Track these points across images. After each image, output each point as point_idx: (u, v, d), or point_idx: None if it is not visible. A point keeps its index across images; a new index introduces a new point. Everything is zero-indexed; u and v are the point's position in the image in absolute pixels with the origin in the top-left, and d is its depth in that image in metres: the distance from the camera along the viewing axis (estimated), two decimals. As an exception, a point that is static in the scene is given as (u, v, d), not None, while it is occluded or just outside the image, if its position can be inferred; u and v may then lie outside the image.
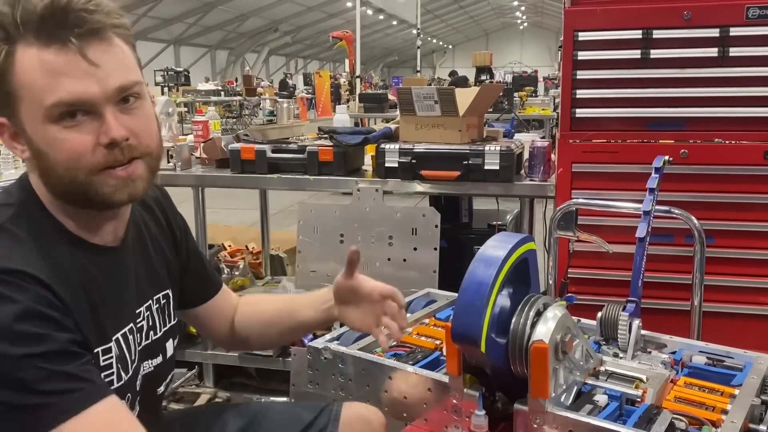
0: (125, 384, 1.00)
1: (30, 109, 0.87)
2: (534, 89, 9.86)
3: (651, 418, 1.09)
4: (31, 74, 0.85)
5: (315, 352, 1.40)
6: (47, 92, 0.85)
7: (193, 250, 1.24)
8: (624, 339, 1.39)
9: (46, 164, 0.90)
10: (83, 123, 0.88)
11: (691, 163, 2.03)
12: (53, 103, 0.86)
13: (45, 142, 0.88)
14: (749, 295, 2.06)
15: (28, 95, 0.87)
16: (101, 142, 0.88)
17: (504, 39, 39.78)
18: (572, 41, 2.10)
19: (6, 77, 0.86)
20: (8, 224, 0.90)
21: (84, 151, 0.88)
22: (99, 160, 0.89)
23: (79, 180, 0.89)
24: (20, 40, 0.85)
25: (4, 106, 0.89)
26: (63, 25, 0.84)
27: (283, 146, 2.61)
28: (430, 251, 2.39)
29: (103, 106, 0.88)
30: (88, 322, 0.92)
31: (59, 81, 0.85)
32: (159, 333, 1.11)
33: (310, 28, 28.44)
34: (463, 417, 1.18)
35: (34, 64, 0.85)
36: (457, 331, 1.10)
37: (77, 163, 0.88)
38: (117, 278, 1.01)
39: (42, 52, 0.85)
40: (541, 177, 2.34)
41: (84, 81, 0.86)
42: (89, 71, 0.86)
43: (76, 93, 0.86)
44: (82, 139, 0.88)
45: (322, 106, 6.84)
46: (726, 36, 1.98)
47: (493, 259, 1.10)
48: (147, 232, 1.11)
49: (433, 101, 2.38)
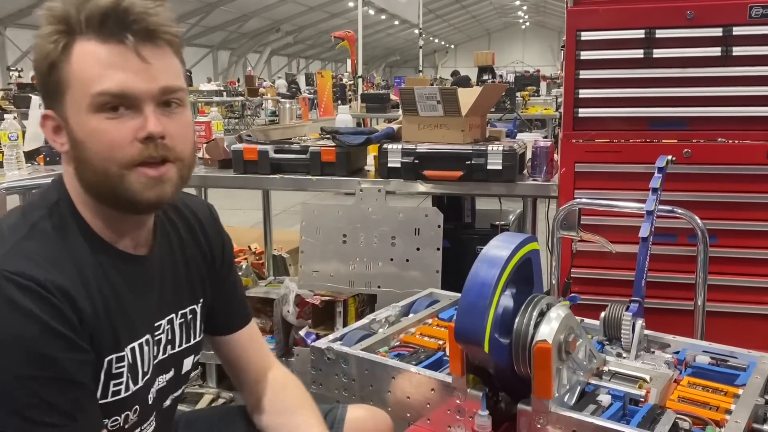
0: (133, 394, 1.00)
1: (76, 98, 0.90)
2: (536, 89, 9.84)
3: (654, 418, 1.09)
4: (84, 64, 0.89)
5: (318, 352, 1.41)
6: (96, 81, 0.89)
7: (227, 274, 1.22)
8: (627, 339, 1.39)
9: (83, 155, 0.92)
10: (124, 116, 0.90)
11: (694, 162, 2.03)
12: (99, 91, 0.89)
13: (85, 131, 0.91)
14: (753, 294, 2.06)
15: (76, 84, 0.90)
16: (138, 136, 0.91)
17: (506, 38, 39.76)
18: (575, 41, 2.10)
19: (59, 67, 0.90)
20: (40, 223, 0.92)
21: (121, 143, 0.90)
22: (134, 154, 0.91)
23: (111, 172, 0.91)
24: (80, 36, 0.89)
25: (53, 96, 0.92)
26: (122, 24, 0.89)
27: (286, 147, 2.61)
28: (433, 251, 2.39)
29: (145, 103, 0.91)
30: (103, 330, 0.93)
31: (109, 72, 0.89)
32: (177, 348, 1.10)
33: (312, 28, 28.45)
34: (466, 417, 1.18)
35: (89, 55, 0.89)
36: (461, 332, 1.10)
37: (113, 154, 0.90)
38: (139, 288, 1.01)
39: (98, 46, 0.89)
40: (544, 177, 2.34)
41: (132, 76, 0.90)
42: (139, 68, 0.90)
43: (123, 85, 0.89)
44: (120, 131, 0.90)
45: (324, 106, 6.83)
46: (729, 35, 1.98)
47: (496, 260, 1.11)
48: (180, 248, 1.11)
49: (436, 101, 2.38)
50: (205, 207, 1.21)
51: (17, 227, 0.92)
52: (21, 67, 14.87)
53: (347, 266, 2.45)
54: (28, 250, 0.88)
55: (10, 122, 2.79)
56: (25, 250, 0.88)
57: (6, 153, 2.75)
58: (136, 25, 0.89)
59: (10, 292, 0.83)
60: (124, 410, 0.99)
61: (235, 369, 1.25)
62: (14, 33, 17.74)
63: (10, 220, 0.94)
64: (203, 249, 1.16)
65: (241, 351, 1.24)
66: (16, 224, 0.92)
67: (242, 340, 1.24)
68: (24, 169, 2.79)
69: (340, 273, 2.47)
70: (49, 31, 0.90)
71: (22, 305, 0.83)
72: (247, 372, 1.24)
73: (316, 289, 2.67)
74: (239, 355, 1.24)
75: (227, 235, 1.23)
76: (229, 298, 1.23)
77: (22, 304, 0.83)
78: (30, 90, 10.45)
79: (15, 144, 2.76)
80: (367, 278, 2.44)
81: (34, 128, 3.01)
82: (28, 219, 0.93)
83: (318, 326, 2.75)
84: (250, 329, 1.26)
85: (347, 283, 2.48)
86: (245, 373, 1.24)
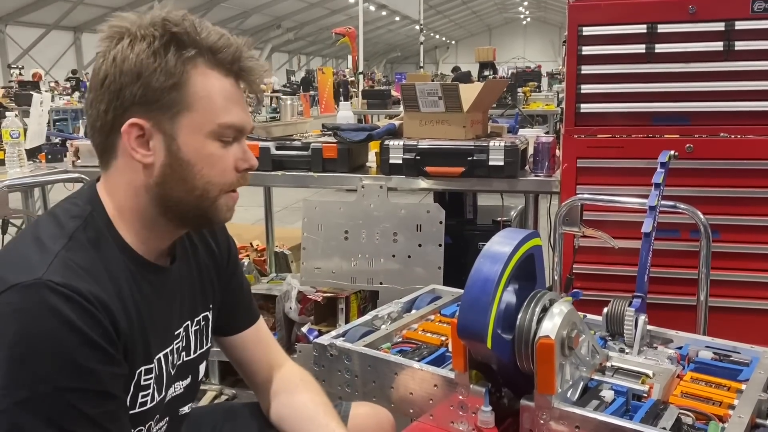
0: (156, 404, 1.01)
1: (197, 122, 0.94)
2: (538, 84, 9.82)
3: (658, 413, 1.09)
4: (212, 93, 0.95)
5: (321, 348, 1.41)
6: (224, 113, 0.96)
7: (233, 276, 1.23)
8: (630, 334, 1.39)
9: (184, 174, 0.95)
10: (231, 147, 0.99)
11: (697, 157, 2.03)
12: (226, 123, 0.96)
13: (198, 154, 0.95)
14: (756, 289, 2.06)
15: (202, 109, 0.94)
16: (240, 167, 1.00)
17: (507, 34, 39.65)
18: (576, 36, 2.09)
19: (182, 86, 0.93)
20: (78, 234, 0.93)
21: (228, 170, 0.99)
22: (233, 182, 1.00)
23: (211, 195, 0.98)
24: (203, 61, 0.95)
25: (165, 110, 0.93)
26: (235, 64, 0.97)
27: (287, 143, 2.61)
28: (435, 247, 2.39)
29: (243, 138, 1.01)
30: (136, 343, 0.94)
31: (232, 107, 0.97)
32: (192, 354, 1.11)
33: (313, 25, 28.39)
34: (469, 413, 1.18)
35: (216, 86, 0.96)
36: (463, 328, 1.10)
37: (221, 179, 0.98)
38: (166, 298, 1.02)
39: (222, 78, 0.97)
40: (546, 173, 2.34)
41: (245, 113, 1.00)
42: (246, 107, 1.01)
43: (242, 121, 0.99)
44: (229, 160, 0.98)
45: (325, 102, 6.83)
46: (731, 30, 1.97)
47: (498, 255, 1.10)
48: (193, 254, 1.13)
49: (437, 97, 2.37)
50: None
51: (57, 237, 0.91)
52: (22, 65, 14.86)
53: (349, 263, 2.45)
54: (70, 262, 0.88)
55: (11, 120, 2.79)
56: (68, 262, 0.88)
57: (8, 151, 2.75)
58: (249, 75, 0.99)
59: (54, 303, 0.83)
60: (147, 421, 1.01)
61: (244, 369, 1.25)
62: (15, 31, 17.71)
63: (48, 229, 0.93)
64: (213, 253, 1.17)
65: (250, 350, 1.24)
66: (55, 234, 0.92)
67: (250, 340, 1.24)
68: (26, 167, 2.79)
69: (342, 269, 2.47)
70: (173, 50, 0.93)
71: (65, 316, 0.83)
72: (258, 371, 1.24)
73: (318, 286, 2.67)
74: (248, 355, 1.24)
75: (232, 239, 1.25)
76: (235, 298, 1.23)
77: (66, 315, 0.84)
78: (31, 88, 10.45)
79: (17, 142, 2.76)
80: (369, 275, 2.45)
81: (35, 126, 3.01)
82: (65, 229, 0.93)
83: (320, 323, 2.76)
84: (257, 328, 1.26)
85: (349, 280, 2.48)
86: (255, 372, 1.25)
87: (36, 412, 0.82)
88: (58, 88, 13.42)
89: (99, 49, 0.95)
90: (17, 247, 0.95)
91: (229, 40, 0.97)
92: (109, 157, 0.97)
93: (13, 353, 0.82)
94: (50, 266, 0.86)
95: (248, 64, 0.98)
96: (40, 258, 0.87)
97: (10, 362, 0.82)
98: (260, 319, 1.28)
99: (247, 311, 1.26)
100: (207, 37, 0.95)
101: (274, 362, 1.26)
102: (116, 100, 0.92)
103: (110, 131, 0.95)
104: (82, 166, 2.62)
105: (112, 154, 0.96)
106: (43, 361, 0.82)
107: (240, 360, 1.25)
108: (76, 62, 19.49)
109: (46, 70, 17.39)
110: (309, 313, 2.78)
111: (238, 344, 1.23)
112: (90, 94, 0.96)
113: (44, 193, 2.98)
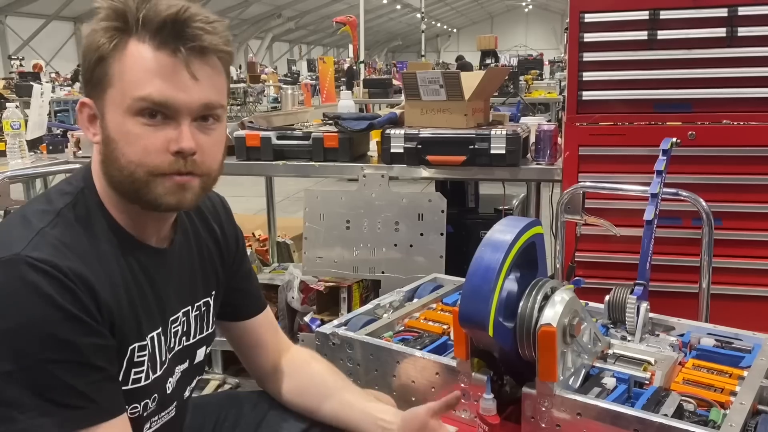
0: (153, 383, 1.01)
1: (116, 96, 0.91)
2: (539, 72, 9.78)
3: (659, 400, 1.09)
4: (132, 66, 0.90)
5: (323, 337, 1.41)
6: (140, 86, 0.90)
7: (241, 264, 1.24)
8: (632, 322, 1.39)
9: (112, 153, 0.93)
10: (159, 125, 0.92)
11: (699, 144, 2.02)
12: (141, 96, 0.90)
13: (119, 131, 0.92)
14: (758, 277, 2.05)
15: (120, 83, 0.91)
16: (170, 148, 0.92)
17: (509, 22, 39.44)
18: (578, 23, 2.08)
19: (108, 62, 0.91)
20: (65, 211, 0.94)
21: (152, 151, 0.92)
22: (163, 165, 0.92)
23: (137, 176, 0.92)
24: (134, 36, 0.90)
25: (96, 87, 0.93)
26: (179, 36, 0.90)
27: (288, 133, 2.60)
28: (437, 236, 2.39)
29: (183, 117, 0.92)
30: (125, 319, 0.95)
31: (154, 79, 0.90)
32: (192, 339, 1.12)
33: (314, 14, 28.26)
34: (471, 401, 1.19)
35: (139, 59, 0.90)
36: (465, 316, 1.10)
37: (143, 160, 0.92)
38: (158, 280, 1.03)
39: (151, 51, 0.90)
40: (548, 161, 2.33)
41: (177, 88, 0.91)
42: (186, 82, 0.91)
43: (165, 95, 0.90)
44: (153, 140, 0.91)
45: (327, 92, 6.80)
46: (734, 15, 1.95)
47: (500, 244, 1.10)
48: (196, 239, 1.13)
49: (439, 85, 2.36)
50: (218, 200, 1.23)
51: (43, 214, 0.93)
52: (22, 56, 14.83)
53: (351, 252, 2.45)
54: (52, 238, 0.89)
55: (12, 111, 2.79)
56: (50, 238, 0.89)
57: (9, 142, 2.75)
58: (191, 42, 0.90)
59: (33, 278, 0.85)
60: (143, 398, 1.01)
61: (252, 354, 1.26)
62: (15, 21, 17.67)
63: (36, 206, 0.95)
64: (218, 242, 1.18)
65: (260, 335, 1.25)
66: (42, 211, 0.93)
67: (260, 324, 1.26)
68: (27, 158, 2.79)
69: (344, 259, 2.47)
70: (105, 25, 0.91)
71: (43, 291, 0.85)
72: (267, 356, 1.26)
73: (320, 275, 2.68)
74: (257, 339, 1.25)
75: (240, 230, 1.25)
76: (244, 287, 1.25)
77: (44, 290, 0.85)
78: (32, 79, 10.43)
79: (18, 133, 2.76)
80: (371, 264, 2.45)
81: (36, 117, 3.00)
82: (54, 206, 0.94)
83: (322, 312, 2.77)
84: (266, 314, 1.28)
85: (351, 269, 2.48)
86: (264, 357, 1.26)
87: (20, 384, 0.83)
88: (58, 79, 13.40)
89: None
90: (5, 224, 0.97)
91: (166, 8, 0.90)
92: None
93: None
94: (30, 242, 0.88)
95: (183, 26, 0.90)
96: (22, 234, 0.89)
97: None
98: (267, 307, 1.29)
99: (257, 298, 1.28)
100: (149, 8, 0.90)
101: (282, 347, 1.28)
102: (81, 82, 0.94)
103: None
104: (84, 157, 2.62)
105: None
106: (24, 335, 0.84)
107: (248, 345, 1.26)
108: (77, 53, 19.45)
109: (47, 60, 17.36)
110: (311, 303, 2.79)
111: (248, 329, 1.25)
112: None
113: (46, 184, 2.98)
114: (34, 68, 13.40)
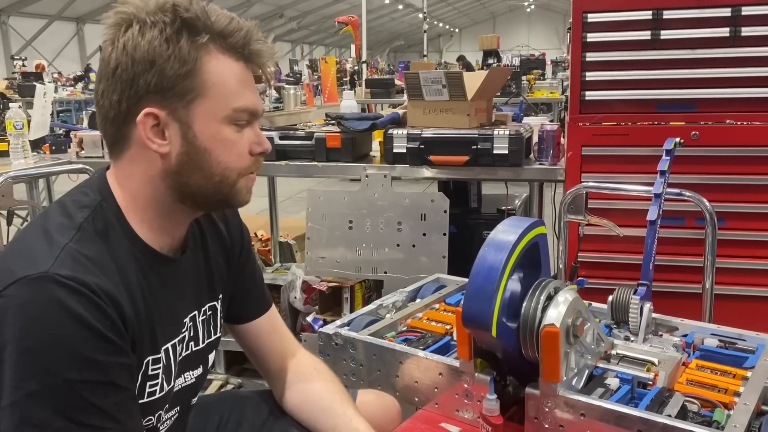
0: (165, 394, 1.01)
1: (211, 108, 0.94)
2: (542, 72, 9.77)
3: (663, 401, 1.09)
4: (226, 78, 0.95)
5: (326, 337, 1.41)
6: (238, 96, 0.96)
7: (248, 265, 1.23)
8: (635, 322, 1.39)
9: (201, 161, 0.95)
10: (245, 130, 0.99)
11: (703, 144, 2.01)
12: (241, 107, 0.96)
13: (215, 139, 0.95)
14: (761, 277, 2.05)
15: (216, 95, 0.94)
16: (254, 150, 1.00)
17: (511, 22, 39.39)
18: (581, 23, 2.08)
19: (196, 72, 0.93)
20: (85, 225, 0.92)
21: (243, 155, 0.99)
22: (250, 165, 1.00)
23: (230, 180, 0.98)
24: (211, 43, 0.94)
25: (175, 98, 0.92)
26: (246, 47, 0.97)
27: (291, 133, 2.60)
28: (440, 236, 2.38)
29: (256, 122, 1.01)
30: (143, 334, 0.94)
31: (245, 90, 0.97)
32: (201, 344, 1.11)
33: (316, 14, 28.25)
34: (474, 401, 1.18)
35: (228, 71, 0.95)
36: (468, 316, 1.10)
37: (237, 164, 0.98)
38: (174, 289, 1.02)
39: (234, 63, 0.96)
40: (551, 161, 2.33)
41: (257, 96, 1.00)
42: (256, 91, 1.01)
43: (255, 104, 0.99)
44: (241, 145, 0.98)
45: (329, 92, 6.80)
46: (738, 15, 1.95)
47: (503, 244, 1.10)
48: (203, 243, 1.12)
49: (441, 85, 2.36)
50: None
51: (65, 229, 0.91)
52: (25, 56, 14.85)
53: (354, 252, 2.45)
54: (78, 254, 0.88)
55: (15, 111, 2.79)
56: (75, 254, 0.88)
57: (12, 142, 2.76)
58: (256, 56, 0.98)
59: (61, 296, 0.83)
60: (157, 410, 1.01)
61: (258, 356, 1.25)
62: (17, 22, 17.68)
63: (55, 220, 0.93)
64: (225, 245, 1.17)
65: (264, 338, 1.24)
66: (63, 225, 0.91)
67: (264, 327, 1.24)
68: (30, 158, 2.79)
69: (346, 259, 2.47)
70: (184, 37, 0.91)
71: (72, 309, 0.84)
72: (271, 359, 1.25)
73: (323, 275, 2.68)
74: (261, 343, 1.24)
75: (245, 226, 1.24)
76: (248, 286, 1.23)
77: (73, 309, 0.84)
78: (34, 79, 10.44)
79: (20, 133, 2.76)
80: (373, 264, 2.45)
81: (39, 117, 3.01)
82: (74, 220, 0.92)
83: (325, 312, 2.77)
84: (271, 315, 1.26)
85: (354, 269, 2.48)
86: (269, 360, 1.25)
87: (46, 404, 0.82)
88: (61, 79, 13.42)
89: (106, 37, 0.93)
90: (26, 239, 0.94)
91: (239, 23, 0.96)
92: (122, 147, 0.96)
93: (21, 346, 0.82)
94: (57, 259, 0.86)
95: (258, 47, 0.98)
96: (48, 250, 0.87)
97: (19, 355, 0.82)
98: (273, 307, 1.28)
99: (261, 298, 1.26)
100: (217, 21, 0.94)
101: (288, 350, 1.26)
102: (129, 90, 0.91)
103: (124, 121, 0.93)
104: (86, 157, 2.62)
105: (125, 143, 0.95)
106: (51, 354, 0.83)
107: (253, 348, 1.25)
108: (79, 53, 19.47)
109: (50, 61, 17.37)
110: (314, 303, 2.79)
111: (252, 332, 1.23)
112: (100, 83, 0.94)
113: (49, 184, 2.99)
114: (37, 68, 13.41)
